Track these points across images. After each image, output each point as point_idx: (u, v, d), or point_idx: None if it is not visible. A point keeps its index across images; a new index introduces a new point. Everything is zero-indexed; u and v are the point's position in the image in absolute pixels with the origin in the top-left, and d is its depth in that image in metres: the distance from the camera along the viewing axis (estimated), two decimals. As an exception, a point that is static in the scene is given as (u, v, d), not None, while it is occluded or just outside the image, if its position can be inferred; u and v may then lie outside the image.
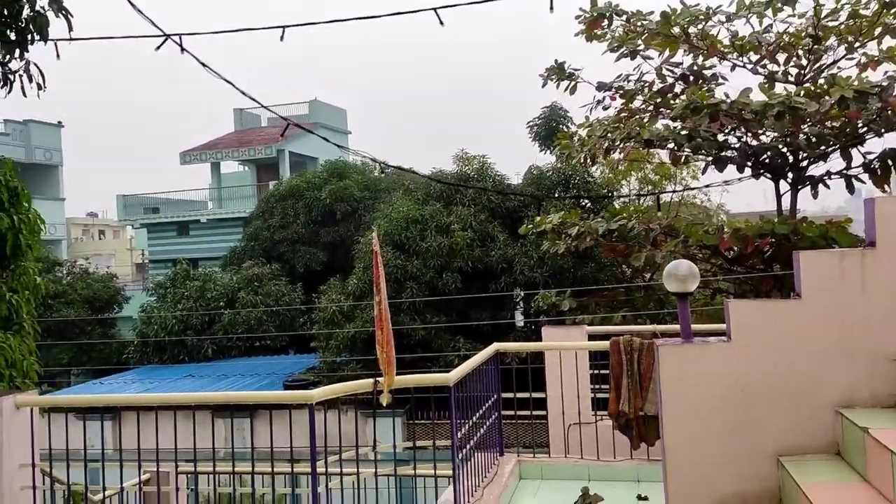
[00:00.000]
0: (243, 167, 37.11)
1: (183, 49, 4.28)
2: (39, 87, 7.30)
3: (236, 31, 4.51)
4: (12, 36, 7.01)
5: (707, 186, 14.66)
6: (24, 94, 7.13)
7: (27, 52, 7.15)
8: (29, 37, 7.06)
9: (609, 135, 9.45)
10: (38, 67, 7.23)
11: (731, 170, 9.32)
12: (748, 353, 3.96)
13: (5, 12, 6.88)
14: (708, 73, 9.90)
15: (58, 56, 4.98)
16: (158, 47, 4.38)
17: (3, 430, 4.82)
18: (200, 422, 5.46)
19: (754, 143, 9.20)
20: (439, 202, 18.16)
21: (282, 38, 4.33)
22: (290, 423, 4.97)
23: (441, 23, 4.04)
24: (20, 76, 7.21)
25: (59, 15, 7.05)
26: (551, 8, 4.08)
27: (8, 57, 7.12)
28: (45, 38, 7.08)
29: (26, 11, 6.96)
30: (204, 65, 4.33)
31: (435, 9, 3.97)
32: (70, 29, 7.12)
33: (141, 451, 5.20)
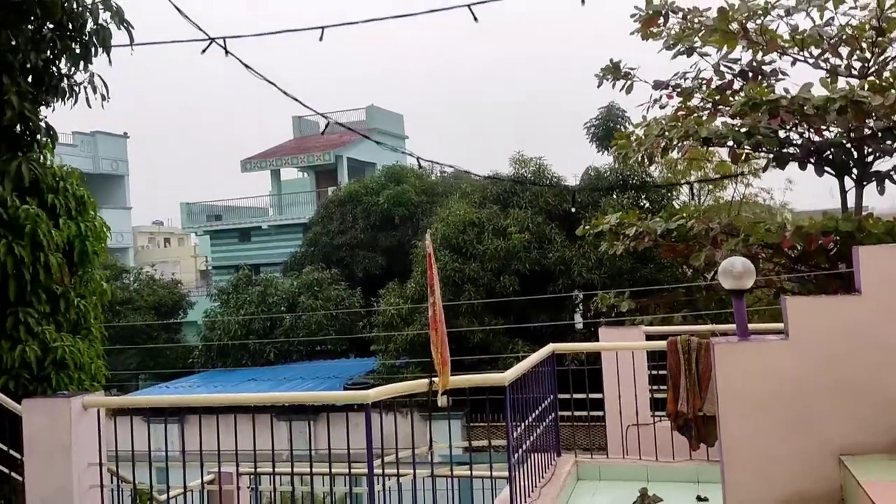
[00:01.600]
0: (302, 174, 37.76)
1: (227, 52, 4.39)
2: (103, 98, 7.59)
3: (278, 32, 4.61)
4: (77, 49, 7.30)
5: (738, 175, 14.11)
6: (89, 105, 7.41)
7: (91, 64, 7.44)
8: (92, 49, 7.34)
9: (666, 133, 9.28)
10: (101, 79, 7.51)
11: (793, 167, 9.05)
12: (806, 350, 3.84)
13: (70, 26, 7.17)
14: (767, 68, 9.63)
15: (109, 62, 5.15)
16: (204, 50, 4.50)
17: (73, 430, 4.99)
18: (261, 424, 5.56)
19: (817, 139, 8.91)
20: (496, 205, 18.15)
21: (321, 38, 4.41)
22: (346, 424, 5.03)
23: (475, 19, 4.04)
24: (84, 88, 7.51)
25: (121, 27, 7.32)
26: (583, 1, 4.02)
27: (73, 69, 7.42)
28: (108, 50, 7.36)
29: (90, 25, 7.24)
30: (248, 66, 4.44)
31: (469, 5, 3.97)
32: (131, 40, 7.39)
33: (204, 452, 5.33)
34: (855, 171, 9.02)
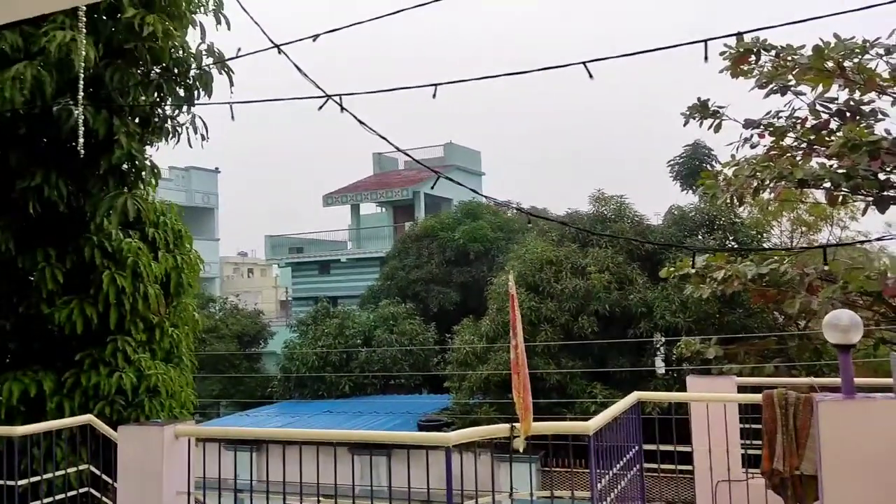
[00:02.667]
0: (381, 209, 38.42)
1: (343, 108, 4.51)
2: (203, 138, 7.94)
3: (392, 90, 4.72)
4: (181, 92, 7.68)
5: (879, 239, 13.50)
6: (190, 146, 7.77)
7: (193, 106, 7.82)
8: (195, 93, 7.71)
9: (758, 174, 9.03)
10: (202, 120, 7.87)
11: (893, 210, 8.65)
12: (921, 412, 3.62)
13: (175, 70, 7.55)
14: (866, 108, 9.29)
15: (232, 117, 5.40)
16: (321, 107, 4.64)
17: (164, 458, 5.13)
18: (340, 458, 5.59)
19: (920, 182, 8.51)
20: (574, 243, 17.95)
21: (434, 95, 4.47)
22: (426, 463, 5.00)
23: (591, 76, 4.04)
24: (186, 128, 7.88)
25: (223, 72, 7.66)
26: (706, 58, 3.97)
27: (177, 111, 7.81)
28: (209, 94, 7.71)
29: (193, 70, 7.62)
30: (361, 122, 4.55)
31: (584, 62, 3.97)
32: (231, 84, 7.72)
33: (286, 483, 5.39)
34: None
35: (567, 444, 5.63)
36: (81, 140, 5.55)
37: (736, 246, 15.78)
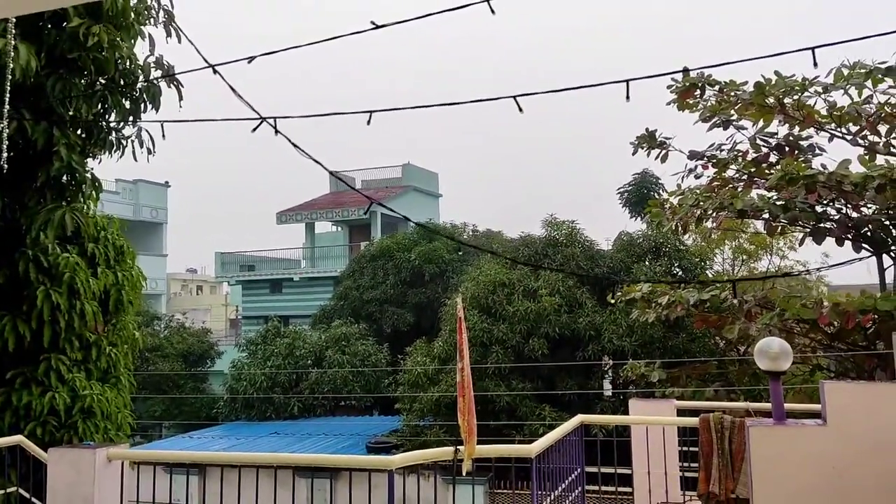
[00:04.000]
0: (336, 227, 38.21)
1: (277, 131, 4.50)
2: (149, 152, 7.82)
3: (327, 115, 4.71)
4: (127, 104, 7.56)
5: (815, 270, 13.88)
6: (135, 159, 7.64)
7: (139, 119, 7.70)
8: (142, 105, 7.60)
9: (701, 203, 9.25)
10: (149, 134, 7.75)
11: (830, 242, 8.93)
12: (846, 438, 3.72)
13: (122, 82, 7.44)
14: (804, 143, 9.61)
15: (163, 136, 5.33)
16: (255, 129, 4.62)
17: (96, 481, 4.99)
18: (282, 481, 5.51)
19: (855, 215, 8.81)
20: (527, 266, 18.09)
21: (368, 122, 4.50)
22: (369, 486, 4.96)
23: (520, 109, 4.09)
24: (132, 141, 7.75)
25: (171, 86, 7.57)
26: (627, 98, 4.08)
27: (122, 123, 7.68)
28: (156, 107, 7.61)
29: (140, 83, 7.51)
30: (296, 146, 4.53)
31: (515, 97, 4.03)
32: (180, 98, 7.63)
33: (223, 508, 5.27)
34: (894, 248, 8.88)
35: (511, 467, 5.63)
36: (4, 155, 5.40)
37: (681, 272, 16.08)
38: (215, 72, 4.53)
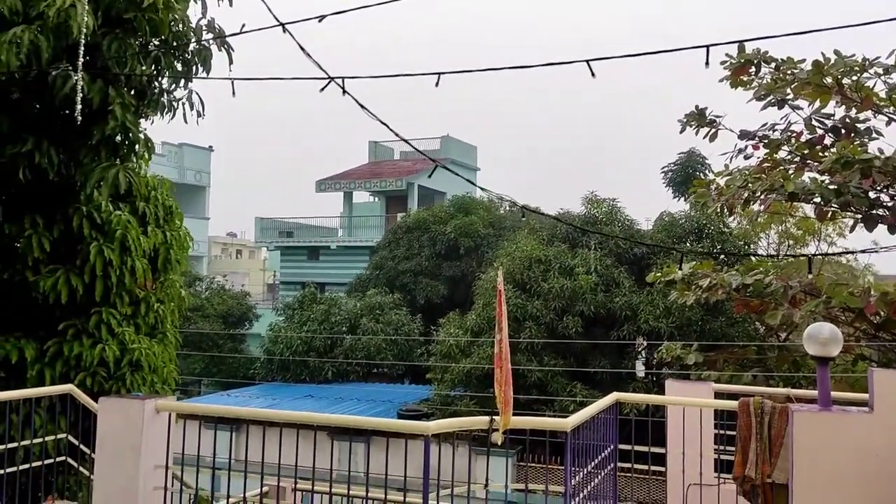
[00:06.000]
0: (374, 198, 38.37)
1: (344, 91, 4.51)
2: (199, 115, 7.91)
3: (395, 75, 4.71)
4: (179, 67, 7.64)
5: (865, 251, 13.57)
6: (186, 121, 7.73)
7: (191, 81, 7.78)
8: (194, 67, 7.67)
9: (750, 185, 9.07)
10: (199, 97, 7.83)
11: (881, 229, 8.72)
12: (891, 427, 3.68)
13: (175, 44, 7.51)
14: (861, 126, 9.34)
15: (234, 93, 5.38)
16: (322, 89, 4.63)
17: (144, 431, 5.14)
18: (320, 442, 5.61)
19: (909, 202, 8.58)
20: (564, 243, 18.02)
21: (437, 84, 4.49)
22: (405, 451, 5.04)
23: (593, 74, 4.06)
24: (183, 104, 7.84)
25: (222, 49, 7.63)
26: (707, 63, 4.01)
27: (174, 85, 7.77)
28: (208, 70, 7.67)
29: (192, 45, 7.57)
30: (363, 106, 4.55)
31: (587, 60, 4.00)
32: (230, 62, 7.69)
33: (264, 464, 5.41)
34: (948, 238, 8.63)
35: (544, 441, 5.67)
36: (79, 107, 5.51)
37: (723, 255, 15.86)
38: (285, 30, 4.55)
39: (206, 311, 26.14)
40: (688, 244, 16.82)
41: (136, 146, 7.30)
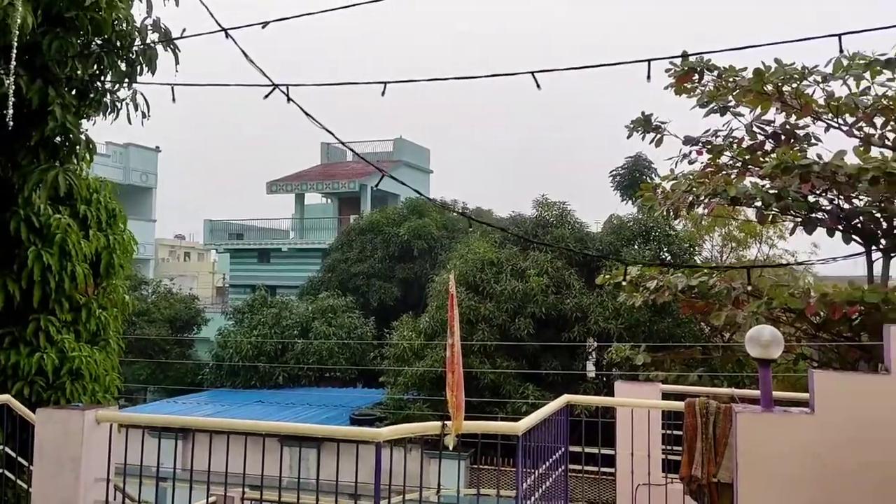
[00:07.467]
0: (326, 200, 38.06)
1: (289, 98, 4.45)
2: (144, 116, 7.73)
3: (340, 84, 4.68)
4: (123, 67, 7.46)
5: (804, 262, 14.04)
6: (130, 122, 7.55)
7: (135, 81, 7.60)
8: (138, 68, 7.50)
9: (694, 189, 9.28)
10: (144, 97, 7.66)
11: (820, 232, 8.99)
12: (832, 427, 3.78)
13: (118, 43, 7.33)
14: (801, 132, 9.63)
15: (173, 100, 5.27)
16: (267, 96, 4.57)
17: (84, 443, 4.99)
18: (269, 449, 5.53)
19: (846, 206, 8.87)
20: (516, 246, 18.14)
21: (383, 93, 4.46)
22: (356, 457, 4.99)
23: (538, 86, 4.10)
24: (127, 104, 7.66)
25: (168, 49, 7.48)
26: (648, 77, 4.08)
27: (117, 86, 7.58)
28: (153, 71, 7.51)
29: (137, 45, 7.41)
30: (307, 114, 4.50)
31: (532, 72, 4.03)
32: (177, 63, 7.54)
33: (210, 473, 5.30)
34: (883, 241, 8.94)
35: (496, 443, 5.68)
36: (10, 111, 5.33)
37: (669, 257, 16.17)
38: (228, 35, 4.47)
39: (152, 316, 25.57)
40: (636, 246, 17.09)
41: (77, 147, 7.10)
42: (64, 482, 4.98)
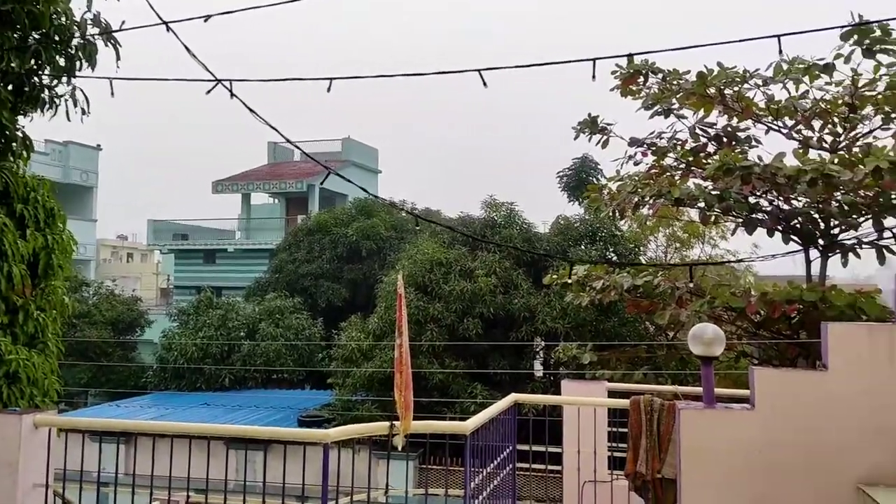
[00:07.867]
0: (273, 200, 37.61)
1: (232, 94, 4.38)
2: (83, 112, 7.51)
3: (285, 80, 4.62)
4: (62, 62, 7.24)
5: (742, 261, 14.44)
6: (69, 119, 7.33)
7: (74, 77, 7.38)
8: (77, 64, 7.29)
9: (639, 190, 9.44)
10: (83, 93, 7.45)
11: (760, 232, 9.24)
12: (772, 423, 3.90)
13: (57, 38, 7.11)
14: (742, 134, 9.89)
15: (112, 94, 5.13)
16: (209, 91, 4.49)
17: (21, 448, 4.84)
18: (214, 452, 5.44)
19: (786, 207, 9.14)
20: (464, 246, 18.20)
21: (328, 89, 4.43)
22: (303, 459, 4.96)
23: (485, 84, 4.12)
24: (66, 101, 7.44)
25: (108, 44, 7.28)
26: (593, 77, 4.15)
27: (55, 81, 7.35)
28: (93, 66, 7.30)
29: (76, 39, 7.20)
30: (251, 110, 4.44)
31: (479, 70, 4.05)
32: (118, 58, 7.35)
33: (154, 477, 5.19)
34: (821, 241, 9.24)
35: (445, 443, 5.70)
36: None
37: (615, 257, 16.43)
38: (169, 29, 4.38)
39: (93, 318, 24.87)
40: (582, 246, 17.32)
41: (14, 144, 6.86)
42: (1, 488, 4.83)
